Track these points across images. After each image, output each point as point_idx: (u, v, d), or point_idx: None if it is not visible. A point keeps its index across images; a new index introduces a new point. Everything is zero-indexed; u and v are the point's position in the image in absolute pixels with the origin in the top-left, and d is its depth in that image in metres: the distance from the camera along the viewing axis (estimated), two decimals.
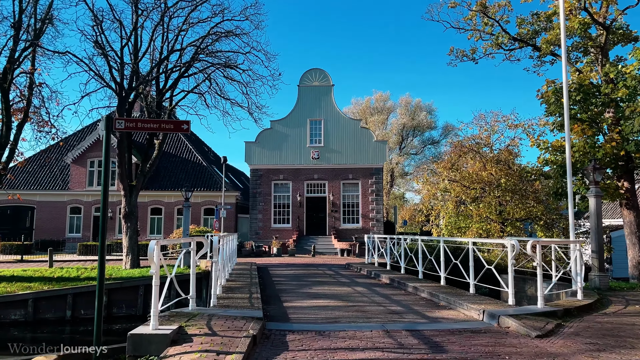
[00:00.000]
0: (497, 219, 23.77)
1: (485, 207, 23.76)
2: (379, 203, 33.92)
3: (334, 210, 33.56)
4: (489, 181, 24.19)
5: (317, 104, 34.55)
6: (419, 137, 68.81)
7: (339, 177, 33.89)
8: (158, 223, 34.53)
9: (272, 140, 34.27)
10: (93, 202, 34.84)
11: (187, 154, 37.30)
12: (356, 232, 33.00)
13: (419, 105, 67.07)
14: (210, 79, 21.52)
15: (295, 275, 15.53)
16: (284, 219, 33.87)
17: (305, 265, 20.92)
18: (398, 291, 11.65)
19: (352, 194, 33.99)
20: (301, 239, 32.36)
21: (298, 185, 33.88)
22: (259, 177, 34.09)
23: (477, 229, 23.89)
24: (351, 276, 15.36)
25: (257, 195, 33.86)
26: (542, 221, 23.72)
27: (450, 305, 9.26)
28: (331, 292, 11.45)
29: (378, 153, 34.10)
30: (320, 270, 17.60)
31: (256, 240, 32.33)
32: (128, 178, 21.00)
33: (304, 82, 34.85)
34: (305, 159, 34.00)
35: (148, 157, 21.78)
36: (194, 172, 35.85)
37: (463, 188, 24.52)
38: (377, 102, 66.69)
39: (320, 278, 14.74)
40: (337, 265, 21.22)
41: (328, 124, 34.30)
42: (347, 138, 34.19)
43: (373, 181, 33.83)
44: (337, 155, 34.03)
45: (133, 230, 21.20)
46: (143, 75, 20.55)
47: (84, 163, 34.91)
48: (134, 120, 6.68)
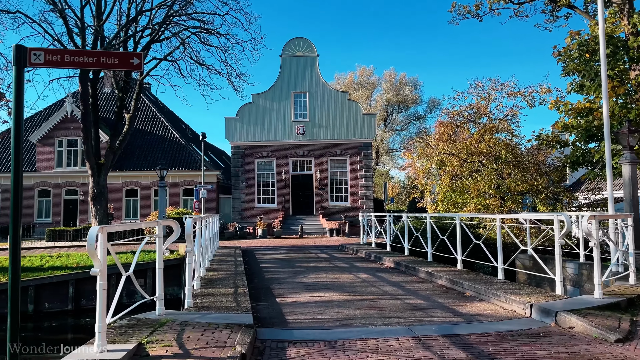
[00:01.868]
0: (496, 193, 22.27)
1: (484, 180, 22.23)
2: (369, 180, 32.24)
3: (321, 189, 31.79)
4: (487, 153, 22.64)
5: (302, 75, 32.45)
6: (404, 112, 67.22)
7: (326, 154, 32.04)
8: (134, 205, 32.39)
9: (254, 115, 32.16)
10: (63, 184, 32.48)
11: (164, 132, 35.00)
12: (345, 211, 31.35)
13: (404, 79, 65.30)
14: (184, 44, 19.37)
15: (286, 260, 13.78)
16: (268, 198, 32.01)
17: (295, 247, 19.20)
18: (408, 277, 9.99)
19: (340, 171, 32.22)
20: (287, 220, 30.60)
21: (283, 162, 31.97)
22: (240, 155, 32.06)
23: (475, 204, 22.40)
24: (349, 260, 13.67)
25: (239, 174, 31.87)
26: (543, 195, 22.33)
27: (481, 296, 7.60)
28: (331, 280, 9.71)
29: (367, 127, 32.28)
30: (312, 253, 15.88)
31: (240, 221, 30.47)
32: (95, 156, 18.90)
33: (286, 53, 32.66)
34: (290, 134, 32.03)
35: (118, 132, 19.65)
36: (172, 150, 33.64)
37: (460, 161, 22.94)
38: (360, 77, 64.73)
39: (315, 263, 13.01)
40: (330, 246, 19.54)
41: (313, 97, 32.28)
42: (334, 112, 32.25)
43: (362, 157, 32.09)
44: (324, 130, 32.11)
45: (103, 213, 19.20)
46: (108, 41, 18.30)
47: (52, 142, 32.41)
48: (59, 51, 4.75)
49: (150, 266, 17.90)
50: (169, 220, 6.03)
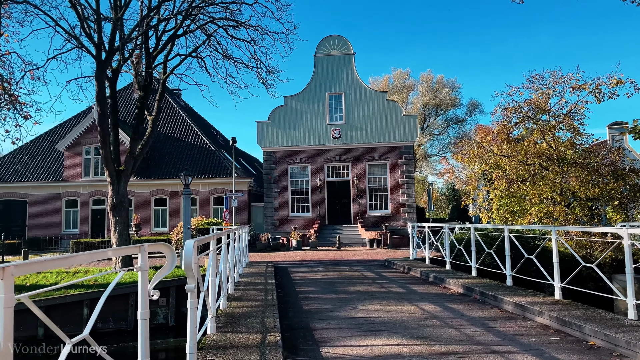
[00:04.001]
0: (561, 199, 19.52)
1: (547, 185, 19.53)
2: (410, 186, 29.77)
3: (359, 196, 29.51)
4: (550, 154, 20.01)
5: (337, 75, 30.37)
6: (442, 115, 64.47)
7: (363, 158, 29.78)
8: (163, 215, 30.87)
9: (287, 118, 30.24)
10: (90, 193, 31.27)
11: (194, 138, 33.47)
12: (385, 220, 28.97)
13: (442, 81, 62.59)
14: (210, 38, 17.56)
15: (327, 282, 11.57)
16: (302, 206, 29.93)
17: (334, 262, 16.98)
18: (490, 311, 7.64)
19: (379, 177, 29.88)
20: (323, 229, 28.43)
21: (318, 168, 29.88)
22: (273, 161, 30.14)
23: (536, 212, 19.73)
24: (402, 281, 11.36)
25: (271, 181, 29.94)
26: (617, 201, 19.47)
27: (618, 349, 5.22)
28: (390, 315, 7.44)
29: (408, 129, 29.87)
30: (356, 272, 13.62)
31: (272, 231, 28.49)
32: (115, 162, 17.20)
33: (320, 52, 30.66)
34: (325, 138, 29.94)
35: (139, 136, 17.94)
36: (201, 157, 32.03)
37: (518, 164, 20.34)
38: (396, 80, 62.35)
39: (362, 286, 10.74)
40: (374, 262, 17.23)
41: (349, 97, 30.13)
42: (372, 113, 29.99)
43: (403, 161, 29.67)
44: (361, 133, 29.89)
45: (123, 224, 17.46)
46: (127, 34, 16.66)
47: (79, 150, 31.30)
48: None
49: (173, 284, 16.09)
50: (157, 244, 3.96)
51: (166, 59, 18.48)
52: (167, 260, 3.99)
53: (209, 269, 5.69)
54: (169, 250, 4.00)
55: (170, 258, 3.99)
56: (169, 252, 3.99)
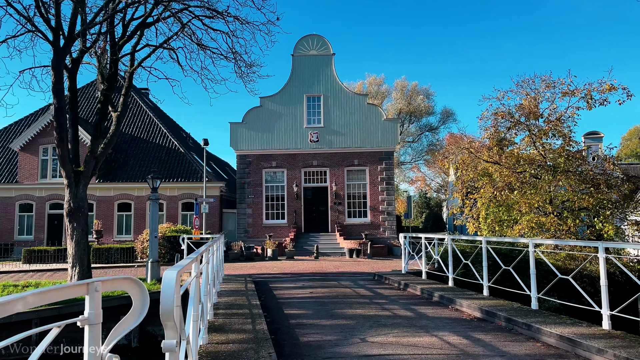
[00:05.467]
0: (552, 209, 18.61)
1: (537, 194, 18.58)
2: (390, 193, 28.60)
3: (337, 203, 28.15)
4: (541, 162, 19.13)
5: (315, 76, 29.03)
6: (415, 123, 64.10)
7: (342, 164, 28.47)
8: (127, 221, 28.77)
9: (262, 120, 28.68)
10: (47, 197, 28.90)
11: (162, 139, 31.48)
12: (365, 228, 27.69)
13: (416, 88, 62.23)
14: (184, 27, 15.93)
15: (318, 301, 10.07)
16: (278, 213, 28.36)
17: (318, 276, 15.52)
18: (528, 344, 6.32)
19: (358, 183, 28.62)
20: (300, 238, 26.93)
21: (294, 173, 28.39)
22: (247, 165, 28.50)
23: (527, 222, 18.74)
24: (403, 301, 9.99)
25: (245, 186, 28.28)
26: (608, 211, 18.69)
27: None
28: (411, 353, 5.88)
29: (388, 134, 28.74)
30: (346, 288, 12.18)
31: (246, 239, 26.80)
32: (73, 162, 15.32)
33: (299, 51, 29.27)
34: (303, 142, 28.50)
35: (101, 133, 16.09)
36: (170, 159, 30.09)
37: (509, 171, 19.36)
38: (370, 86, 61.64)
39: (361, 307, 9.28)
40: (360, 274, 15.84)
41: (328, 100, 28.82)
42: (352, 117, 28.75)
43: (383, 167, 28.49)
44: (340, 137, 28.58)
45: (82, 232, 15.57)
46: (90, 18, 14.87)
47: (36, 150, 28.90)
48: None
49: None
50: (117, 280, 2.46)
51: (134, 49, 16.72)
52: (135, 305, 2.51)
53: (192, 303, 4.15)
54: (137, 289, 2.50)
55: (139, 301, 2.50)
56: (136, 292, 2.49)
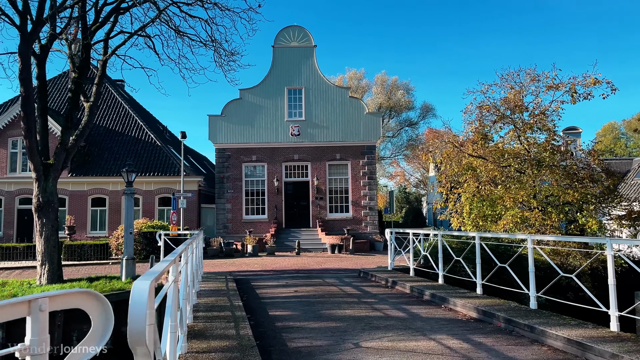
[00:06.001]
0: (537, 204, 18.47)
1: (522, 189, 18.42)
2: (372, 188, 28.25)
3: (319, 198, 27.67)
4: (526, 156, 18.99)
5: (297, 69, 28.43)
6: (395, 118, 63.96)
7: (324, 158, 27.98)
8: (101, 216, 27.79)
9: (242, 113, 27.98)
10: (17, 191, 27.73)
11: (138, 132, 30.49)
12: (347, 223, 27.28)
13: (396, 83, 62.07)
14: (161, 13, 15.19)
15: (303, 301, 9.55)
16: (258, 209, 27.75)
17: (301, 273, 15.01)
18: (534, 348, 5.92)
19: (340, 178, 28.17)
20: (281, 233, 26.38)
21: (275, 167, 27.80)
22: (226, 159, 27.78)
23: (511, 217, 18.59)
24: (393, 300, 9.55)
25: (224, 181, 27.57)
26: (592, 205, 18.67)
27: None
28: None
29: (371, 128, 28.34)
30: (332, 286, 11.70)
31: (225, 235, 26.13)
32: (42, 154, 14.51)
33: (279, 43, 28.62)
34: (284, 135, 27.91)
35: (72, 124, 15.28)
36: (146, 153, 29.15)
37: (494, 165, 19.16)
38: (350, 80, 61.28)
39: (350, 307, 8.79)
40: (345, 271, 15.39)
41: (310, 93, 28.26)
42: (334, 110, 28.26)
43: (365, 162, 28.10)
44: (322, 131, 28.08)
45: (52, 228, 14.85)
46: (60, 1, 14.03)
47: (4, 143, 27.66)
48: None
49: (112, 299, 13.62)
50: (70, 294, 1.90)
51: (107, 36, 15.91)
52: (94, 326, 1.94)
53: (169, 313, 3.59)
54: (97, 305, 1.94)
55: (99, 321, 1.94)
56: (96, 309, 1.93)
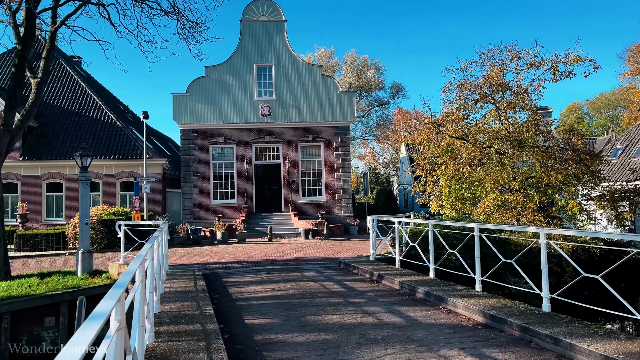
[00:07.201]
0: (519, 186, 17.82)
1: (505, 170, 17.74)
2: (347, 170, 27.30)
3: (291, 181, 26.54)
4: (509, 137, 18.29)
5: (266, 45, 26.93)
6: (365, 98, 63.08)
7: (296, 139, 26.78)
8: (58, 202, 25.95)
9: (209, 91, 26.39)
10: None
11: (96, 112, 28.49)
12: (320, 207, 26.30)
13: (366, 62, 61.10)
14: None
15: (283, 302, 8.47)
16: (227, 193, 26.42)
17: (278, 264, 13.93)
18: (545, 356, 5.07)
19: (313, 160, 27.07)
20: (251, 219, 25.18)
21: (244, 149, 26.45)
22: (192, 140, 26.24)
23: (492, 200, 17.96)
24: (383, 299, 8.57)
25: (190, 163, 26.07)
26: (572, 187, 18.19)
27: None
28: None
29: (344, 108, 27.23)
30: (312, 281, 10.66)
31: (192, 221, 24.76)
32: None
33: (247, 17, 27.01)
34: (253, 116, 26.52)
35: (17, 102, 13.61)
36: (106, 134, 27.28)
37: (475, 147, 18.41)
38: (320, 59, 59.90)
39: (337, 311, 7.74)
40: (322, 260, 14.41)
41: (280, 70, 26.86)
42: (306, 89, 26.98)
43: (339, 143, 27.05)
44: (294, 111, 26.81)
45: None
46: None
47: None
48: None
49: (65, 298, 12.27)
50: None
51: (56, 4, 14.19)
52: None
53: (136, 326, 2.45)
54: None
55: None
56: None
